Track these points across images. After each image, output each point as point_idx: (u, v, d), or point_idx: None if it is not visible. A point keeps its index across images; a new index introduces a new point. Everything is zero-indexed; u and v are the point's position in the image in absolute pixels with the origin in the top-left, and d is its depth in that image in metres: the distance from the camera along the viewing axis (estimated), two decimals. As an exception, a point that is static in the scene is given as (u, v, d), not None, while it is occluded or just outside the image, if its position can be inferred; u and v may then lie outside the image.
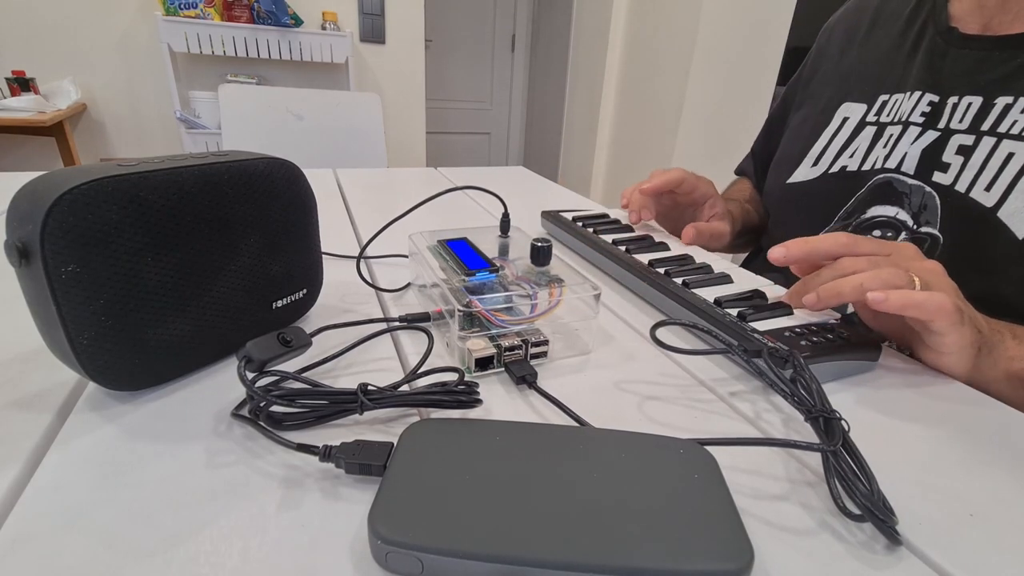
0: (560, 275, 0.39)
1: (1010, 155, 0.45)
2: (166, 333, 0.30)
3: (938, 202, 0.49)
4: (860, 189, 0.55)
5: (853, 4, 0.66)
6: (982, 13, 0.50)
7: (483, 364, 0.35)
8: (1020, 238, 0.43)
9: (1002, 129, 0.46)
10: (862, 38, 0.61)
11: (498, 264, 0.40)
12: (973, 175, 0.47)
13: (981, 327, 0.37)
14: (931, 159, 0.50)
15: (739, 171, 0.83)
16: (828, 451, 0.26)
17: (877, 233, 0.53)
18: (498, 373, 0.35)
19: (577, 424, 0.30)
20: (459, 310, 0.34)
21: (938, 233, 0.49)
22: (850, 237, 0.40)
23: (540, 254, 0.40)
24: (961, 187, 0.47)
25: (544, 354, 0.37)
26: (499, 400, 0.33)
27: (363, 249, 0.48)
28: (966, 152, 0.48)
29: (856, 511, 0.24)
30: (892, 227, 0.52)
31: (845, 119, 0.59)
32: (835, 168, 0.58)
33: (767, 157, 0.72)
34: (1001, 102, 0.46)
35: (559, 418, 0.31)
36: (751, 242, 0.76)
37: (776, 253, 0.41)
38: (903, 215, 0.52)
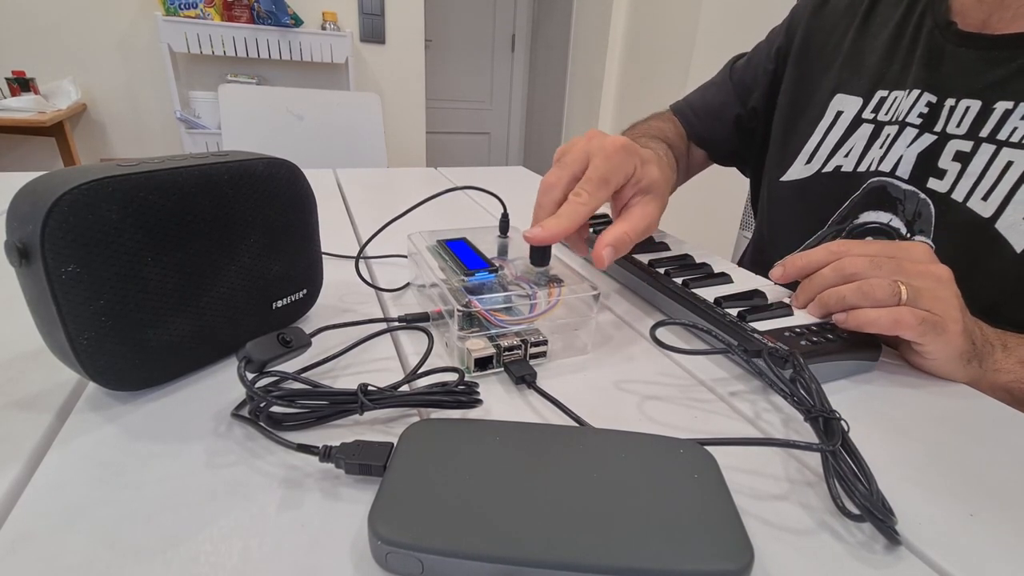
0: (559, 275, 0.39)
1: (1009, 163, 0.44)
2: (166, 333, 0.30)
3: (932, 210, 0.48)
4: (855, 191, 0.54)
5: None
6: (982, 8, 0.48)
7: (482, 364, 0.35)
8: (1019, 251, 0.42)
9: (1001, 136, 0.44)
10: (859, 22, 0.58)
11: (497, 264, 0.40)
12: (971, 184, 0.45)
13: (975, 339, 0.37)
14: (926, 164, 0.49)
15: (678, 111, 0.74)
16: (827, 451, 0.26)
17: (869, 240, 0.52)
18: (497, 373, 0.35)
19: (577, 424, 0.30)
20: (458, 310, 0.34)
21: (931, 243, 0.48)
22: (842, 244, 0.40)
23: (539, 254, 0.40)
24: (958, 196, 0.46)
25: (543, 354, 0.37)
26: (498, 400, 0.33)
27: (362, 249, 0.48)
28: (963, 159, 0.46)
29: (856, 511, 0.24)
30: (885, 234, 0.51)
31: (839, 113, 0.57)
32: (829, 168, 0.56)
33: (747, 115, 0.67)
34: (1000, 107, 0.45)
35: (558, 418, 0.31)
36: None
37: (775, 273, 0.42)
38: (896, 222, 0.50)
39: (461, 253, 0.41)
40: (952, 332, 0.35)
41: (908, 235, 0.49)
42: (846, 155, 0.56)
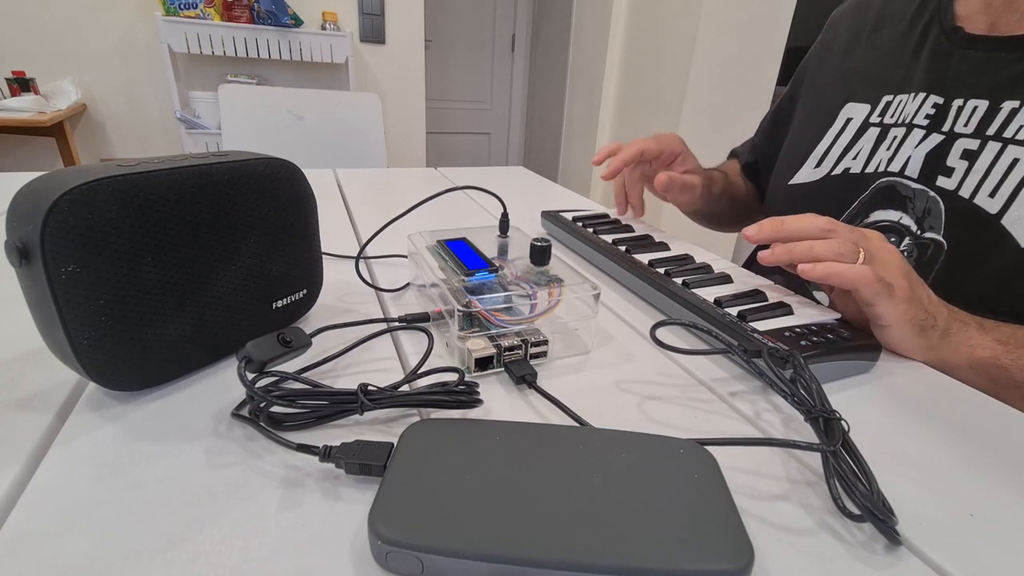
0: (559, 275, 0.39)
1: (1015, 161, 0.44)
2: (166, 333, 0.30)
3: (942, 207, 0.49)
4: (863, 192, 0.55)
5: (857, 0, 0.65)
6: (988, 12, 0.49)
7: (483, 364, 0.35)
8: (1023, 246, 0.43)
9: (1008, 134, 0.45)
10: (866, 37, 0.61)
11: (497, 264, 0.40)
12: (977, 180, 0.46)
13: (935, 311, 0.39)
14: (935, 163, 0.49)
15: (731, 153, 0.83)
16: (828, 451, 0.26)
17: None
18: (498, 373, 0.35)
19: (577, 424, 0.30)
20: (459, 310, 0.34)
21: (942, 239, 0.48)
22: (828, 221, 0.41)
23: (539, 254, 0.40)
24: (965, 192, 0.47)
25: (544, 354, 0.37)
26: (499, 400, 0.33)
27: (362, 249, 0.48)
28: (970, 157, 0.47)
29: (856, 511, 0.24)
30: (896, 231, 0.52)
31: (848, 120, 0.59)
32: (838, 170, 0.58)
33: (773, 151, 0.71)
34: (1007, 106, 0.46)
35: (559, 418, 0.31)
36: (737, 216, 0.77)
37: (750, 231, 0.43)
38: (907, 220, 0.51)
39: (461, 253, 0.41)
40: (899, 297, 0.37)
41: (919, 232, 0.50)
42: (854, 158, 0.57)
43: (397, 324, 0.40)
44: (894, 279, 0.38)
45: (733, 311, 0.40)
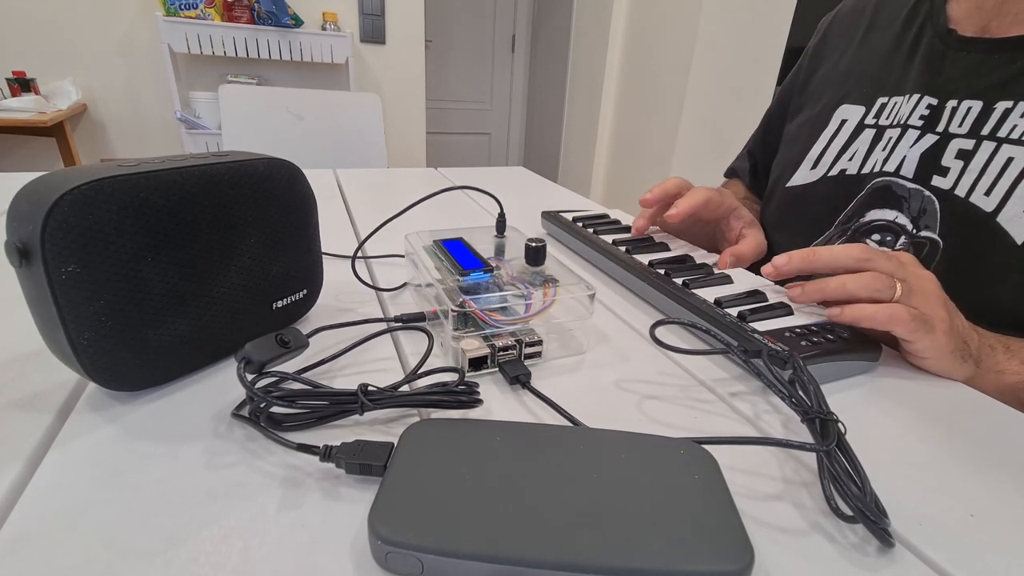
0: (555, 275, 0.39)
1: (1009, 160, 0.45)
2: (166, 333, 0.30)
3: (937, 206, 0.49)
4: (859, 192, 0.55)
5: (849, 4, 0.66)
6: (980, 15, 0.50)
7: (477, 364, 0.35)
8: (1019, 243, 0.43)
9: (1002, 134, 0.46)
10: (860, 39, 0.61)
11: (493, 264, 0.40)
12: (973, 180, 0.47)
13: (968, 338, 0.38)
14: (930, 163, 0.50)
15: (729, 172, 0.81)
16: (821, 452, 0.26)
17: (876, 237, 0.53)
18: (492, 373, 0.35)
19: (569, 423, 0.30)
20: (452, 310, 0.34)
21: (937, 237, 0.49)
22: (863, 250, 0.39)
23: (535, 254, 0.40)
24: (961, 192, 0.47)
25: (538, 354, 0.37)
26: (494, 400, 0.33)
27: (357, 249, 0.48)
28: (966, 156, 0.48)
29: (849, 512, 0.24)
30: (891, 231, 0.52)
31: (843, 121, 0.59)
32: (834, 171, 0.58)
33: (767, 158, 0.71)
34: (1001, 107, 0.46)
35: (554, 418, 0.31)
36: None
37: (778, 261, 0.41)
38: (902, 219, 0.51)
39: (457, 253, 0.41)
40: (939, 330, 0.36)
41: (914, 231, 0.50)
42: (850, 159, 0.57)
43: (393, 324, 0.40)
44: (933, 311, 0.37)
45: (733, 311, 0.40)
